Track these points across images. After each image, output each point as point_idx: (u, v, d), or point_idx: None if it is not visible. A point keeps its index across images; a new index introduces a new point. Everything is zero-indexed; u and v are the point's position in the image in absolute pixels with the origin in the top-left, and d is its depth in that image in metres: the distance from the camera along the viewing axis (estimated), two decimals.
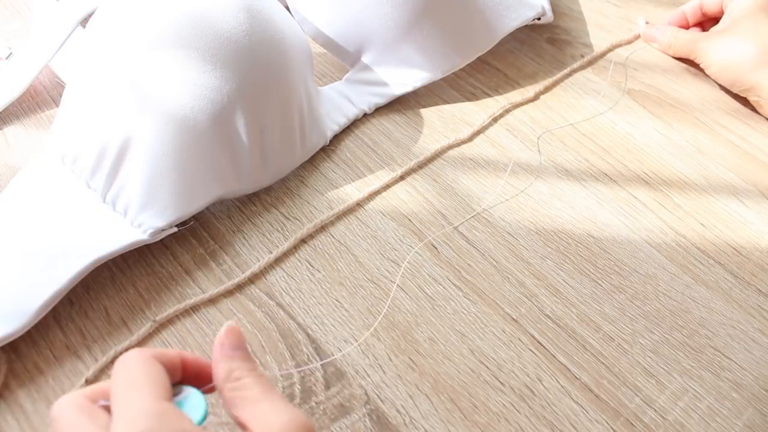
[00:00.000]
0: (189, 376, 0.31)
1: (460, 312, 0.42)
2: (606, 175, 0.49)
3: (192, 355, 0.31)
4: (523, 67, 0.57)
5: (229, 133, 0.43)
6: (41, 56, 0.51)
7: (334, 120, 0.51)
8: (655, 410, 0.38)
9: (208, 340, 0.40)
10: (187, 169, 0.42)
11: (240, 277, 0.43)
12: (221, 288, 0.42)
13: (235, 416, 0.28)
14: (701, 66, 0.55)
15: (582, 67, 0.57)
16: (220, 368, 0.30)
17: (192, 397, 0.30)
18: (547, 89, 0.55)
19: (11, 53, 0.54)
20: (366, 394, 0.38)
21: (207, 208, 0.46)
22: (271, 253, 0.44)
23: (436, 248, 0.45)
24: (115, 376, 0.29)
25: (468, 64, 0.54)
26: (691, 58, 0.56)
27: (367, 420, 0.37)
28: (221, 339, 0.31)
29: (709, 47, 0.54)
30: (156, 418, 0.26)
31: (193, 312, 0.41)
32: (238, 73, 0.42)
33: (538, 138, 0.51)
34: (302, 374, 0.39)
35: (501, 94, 0.55)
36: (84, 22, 0.49)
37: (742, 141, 0.52)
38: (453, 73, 0.54)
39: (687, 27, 0.59)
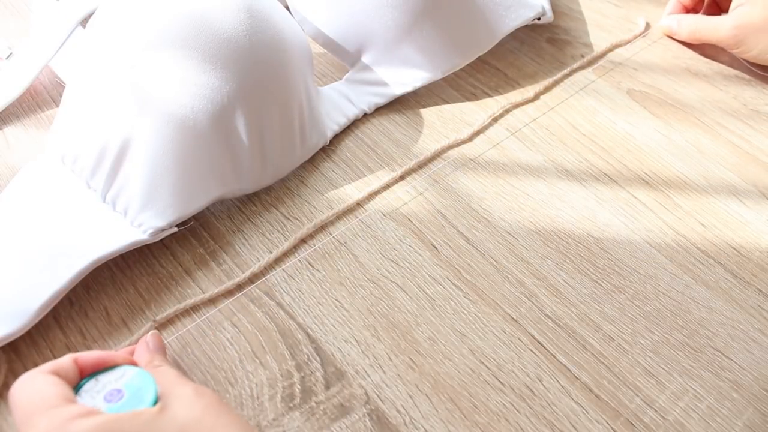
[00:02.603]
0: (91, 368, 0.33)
1: (460, 312, 0.42)
2: (606, 175, 0.49)
3: (86, 353, 0.33)
4: (523, 67, 0.57)
5: (229, 133, 0.43)
6: (41, 56, 0.51)
7: (334, 120, 0.51)
8: (655, 410, 0.38)
9: (207, 340, 0.40)
10: (187, 169, 0.42)
11: (240, 277, 0.43)
12: (221, 288, 0.42)
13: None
14: (736, 52, 0.55)
15: (582, 67, 0.57)
16: (144, 356, 0.35)
17: (134, 375, 0.33)
18: (547, 89, 0.55)
19: (11, 53, 0.54)
20: (366, 394, 0.38)
21: (207, 208, 0.46)
22: (271, 253, 0.44)
23: (436, 248, 0.45)
24: (11, 406, 0.30)
25: (468, 64, 0.54)
26: (724, 45, 0.55)
27: (367, 420, 0.37)
28: (146, 339, 0.36)
29: (744, 30, 0.53)
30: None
31: (193, 312, 0.41)
32: (237, 73, 0.42)
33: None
34: (302, 375, 0.39)
35: (501, 94, 0.55)
36: (84, 22, 0.49)
37: (742, 141, 0.52)
38: (453, 73, 0.54)
39: (690, 11, 0.59)
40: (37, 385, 0.30)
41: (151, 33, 0.42)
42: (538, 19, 0.57)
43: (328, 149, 0.50)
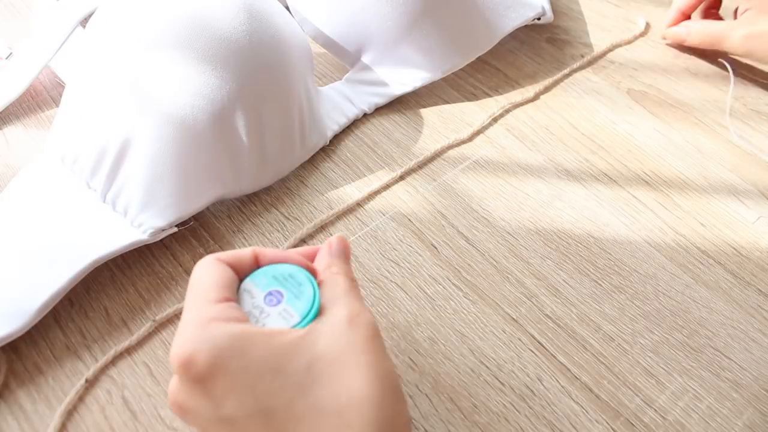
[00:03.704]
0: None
1: (460, 312, 0.42)
2: (606, 175, 0.49)
3: (266, 250, 0.34)
4: (523, 67, 0.57)
5: (229, 133, 0.43)
6: (41, 56, 0.51)
7: (334, 120, 0.51)
8: (655, 410, 0.38)
9: None
10: (187, 169, 0.42)
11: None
12: None
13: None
14: (747, 59, 0.57)
15: (582, 67, 0.57)
16: (324, 260, 0.34)
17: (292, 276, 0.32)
18: (547, 89, 0.55)
19: (11, 53, 0.54)
20: None
21: (207, 208, 0.46)
22: None
23: (436, 248, 0.45)
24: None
25: (468, 64, 0.54)
26: (734, 53, 0.56)
27: None
28: (330, 242, 0.35)
29: (755, 38, 0.53)
30: (198, 330, 0.29)
31: None
32: (237, 73, 0.42)
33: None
34: None
35: (501, 94, 0.55)
36: (84, 22, 0.49)
37: (742, 141, 0.52)
38: (453, 73, 0.54)
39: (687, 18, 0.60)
40: (207, 273, 0.31)
41: (151, 33, 0.42)
42: (538, 19, 0.57)
43: (328, 149, 0.50)
